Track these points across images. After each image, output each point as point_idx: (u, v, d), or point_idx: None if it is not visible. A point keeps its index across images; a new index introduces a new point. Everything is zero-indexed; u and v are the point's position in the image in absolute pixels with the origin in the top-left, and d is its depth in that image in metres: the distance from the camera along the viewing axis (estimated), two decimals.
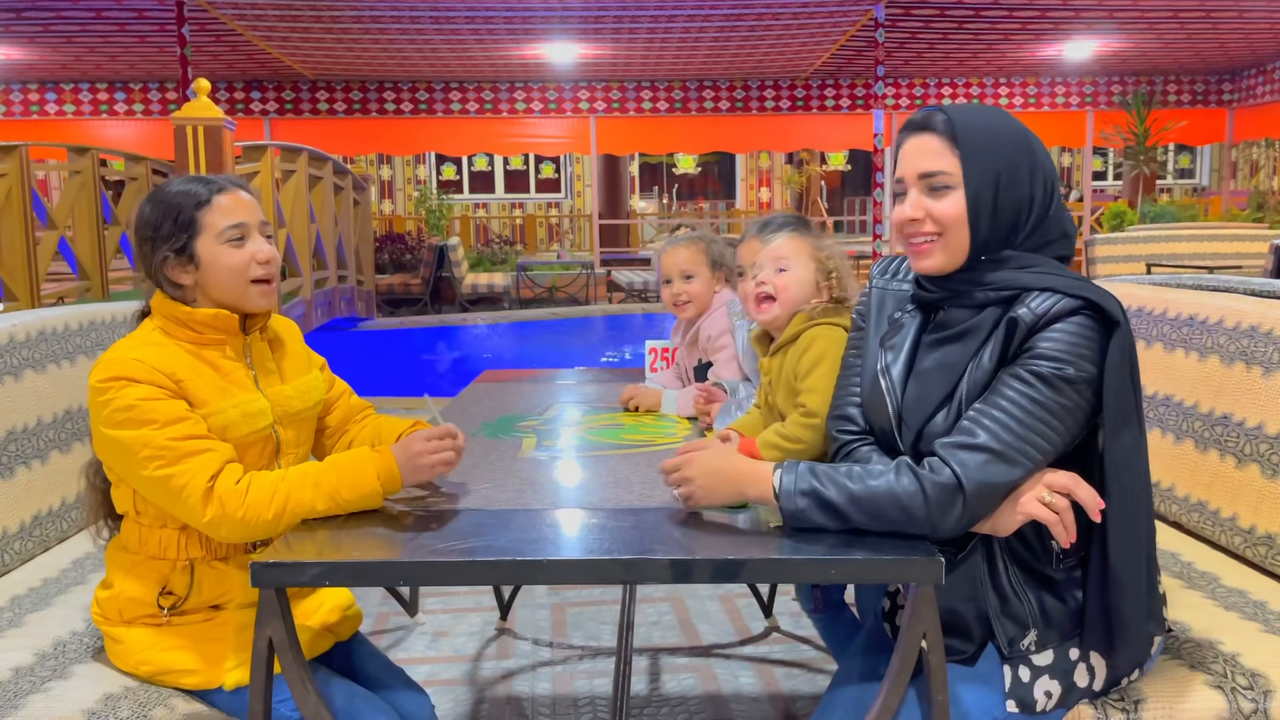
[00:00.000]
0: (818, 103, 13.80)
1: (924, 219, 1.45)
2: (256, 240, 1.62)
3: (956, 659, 1.41)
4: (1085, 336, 1.36)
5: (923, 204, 1.45)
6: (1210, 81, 14.12)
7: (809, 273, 1.79)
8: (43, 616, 1.79)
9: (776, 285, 1.78)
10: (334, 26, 9.99)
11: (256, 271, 1.61)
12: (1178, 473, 2.11)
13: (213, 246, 1.59)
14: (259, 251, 1.61)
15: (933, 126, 1.46)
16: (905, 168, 1.47)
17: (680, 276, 2.37)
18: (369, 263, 11.65)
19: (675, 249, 2.40)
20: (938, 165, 1.44)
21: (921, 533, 1.36)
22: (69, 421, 2.20)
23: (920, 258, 1.47)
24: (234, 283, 1.60)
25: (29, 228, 6.00)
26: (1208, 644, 1.59)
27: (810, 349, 1.72)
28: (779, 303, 1.79)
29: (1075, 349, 1.35)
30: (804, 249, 1.81)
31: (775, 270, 1.79)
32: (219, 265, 1.59)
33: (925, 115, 1.47)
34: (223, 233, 1.59)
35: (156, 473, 1.47)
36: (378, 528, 1.48)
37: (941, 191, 1.44)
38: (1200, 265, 8.07)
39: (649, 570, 1.35)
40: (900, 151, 1.50)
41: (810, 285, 1.79)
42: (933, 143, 1.45)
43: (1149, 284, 2.46)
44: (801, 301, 1.78)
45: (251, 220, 1.62)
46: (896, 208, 1.49)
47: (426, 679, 2.67)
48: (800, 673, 2.73)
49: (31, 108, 12.98)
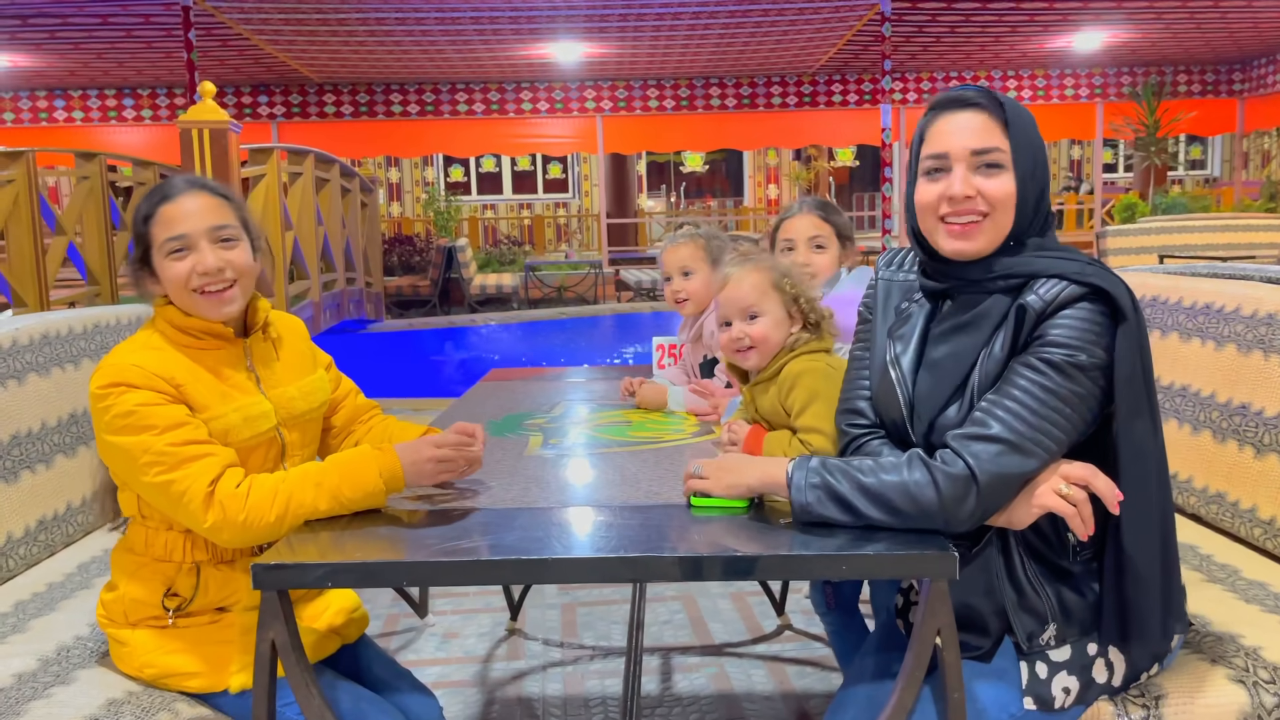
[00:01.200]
0: (825, 98, 13.75)
1: (975, 197, 1.39)
2: (201, 250, 1.56)
3: (972, 655, 1.38)
4: (1095, 322, 1.33)
5: (973, 182, 1.40)
6: (1220, 71, 14.01)
7: (779, 310, 1.71)
8: (47, 621, 1.78)
9: (753, 336, 1.70)
10: (339, 30, 10.00)
11: (196, 283, 1.56)
12: (1196, 464, 2.08)
13: (160, 259, 1.56)
14: (200, 262, 1.55)
15: (980, 104, 1.41)
16: (952, 143, 1.41)
17: (680, 273, 2.37)
18: (377, 265, 11.65)
19: (676, 246, 2.40)
20: (992, 142, 1.40)
21: (934, 526, 1.33)
22: (74, 425, 2.18)
23: (963, 239, 1.41)
24: (179, 294, 1.57)
25: (38, 234, 6.01)
26: (1229, 637, 1.56)
27: (797, 386, 1.65)
28: (758, 352, 1.71)
29: (1085, 335, 1.33)
30: (765, 285, 1.72)
31: (746, 319, 1.71)
32: (165, 278, 1.57)
33: (965, 93, 1.42)
34: (163, 245, 1.56)
35: (157, 478, 1.46)
36: (381, 528, 1.46)
37: (995, 170, 1.40)
38: (1213, 256, 8.00)
39: (657, 568, 1.33)
40: (937, 127, 1.43)
41: (784, 321, 1.72)
42: (983, 120, 1.41)
43: (1163, 273, 2.43)
44: (782, 341, 1.71)
45: (197, 229, 1.56)
46: (930, 185, 1.43)
47: (437, 680, 2.66)
48: (813, 671, 2.71)
49: (40, 115, 13.03)
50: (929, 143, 1.45)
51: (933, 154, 1.43)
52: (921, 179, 1.46)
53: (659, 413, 2.25)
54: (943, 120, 1.43)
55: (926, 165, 1.45)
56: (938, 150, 1.43)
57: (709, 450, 1.84)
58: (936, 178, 1.43)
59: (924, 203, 1.44)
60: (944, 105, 1.44)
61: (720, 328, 1.77)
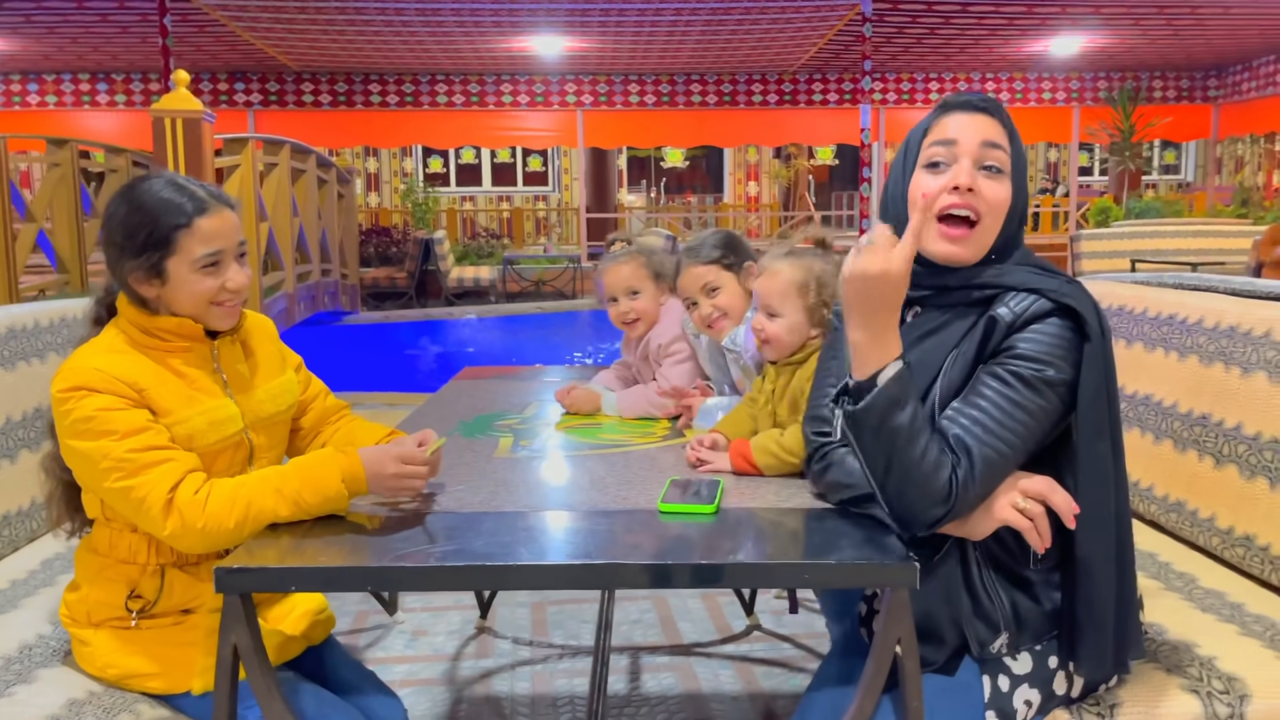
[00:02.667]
0: (805, 97, 13.78)
1: (976, 192, 1.39)
2: (230, 266, 1.57)
3: (931, 669, 1.39)
4: (1064, 338, 1.34)
5: (975, 178, 1.39)
6: (1196, 78, 14.17)
7: (799, 314, 1.78)
8: (9, 620, 1.76)
9: (768, 332, 1.79)
10: (318, 18, 9.91)
11: (223, 298, 1.57)
12: (1156, 472, 2.11)
13: (184, 270, 1.54)
14: (230, 279, 1.57)
15: (991, 110, 1.42)
16: (964, 134, 1.40)
17: (626, 294, 2.32)
18: (354, 256, 11.58)
19: (616, 266, 2.33)
20: (1002, 142, 1.41)
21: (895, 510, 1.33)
22: (39, 420, 2.16)
23: (955, 242, 1.40)
24: (197, 304, 1.56)
25: (7, 220, 5.94)
26: (1184, 646, 1.58)
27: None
28: (771, 347, 1.81)
29: (1054, 350, 1.34)
30: (790, 289, 1.77)
31: (765, 314, 1.80)
32: (186, 288, 1.55)
33: (978, 98, 1.43)
34: (198, 259, 1.54)
35: (117, 484, 1.44)
36: (346, 531, 1.46)
37: (996, 174, 1.40)
38: (1185, 261, 8.09)
39: (624, 575, 1.33)
40: (946, 123, 1.42)
41: (802, 325, 1.78)
42: (995, 125, 1.42)
43: (1130, 282, 2.46)
44: (796, 344, 1.79)
45: (229, 245, 1.57)
46: (931, 177, 1.41)
47: (405, 678, 2.66)
48: (781, 671, 2.72)
49: (13, 99, 12.85)
50: (936, 131, 1.43)
51: (941, 140, 1.42)
52: (921, 170, 1.44)
53: (629, 417, 2.23)
54: (954, 116, 1.43)
55: (931, 154, 1.43)
56: (947, 136, 1.42)
57: (680, 455, 1.84)
58: (939, 171, 1.42)
59: (925, 195, 1.39)
60: (957, 105, 1.44)
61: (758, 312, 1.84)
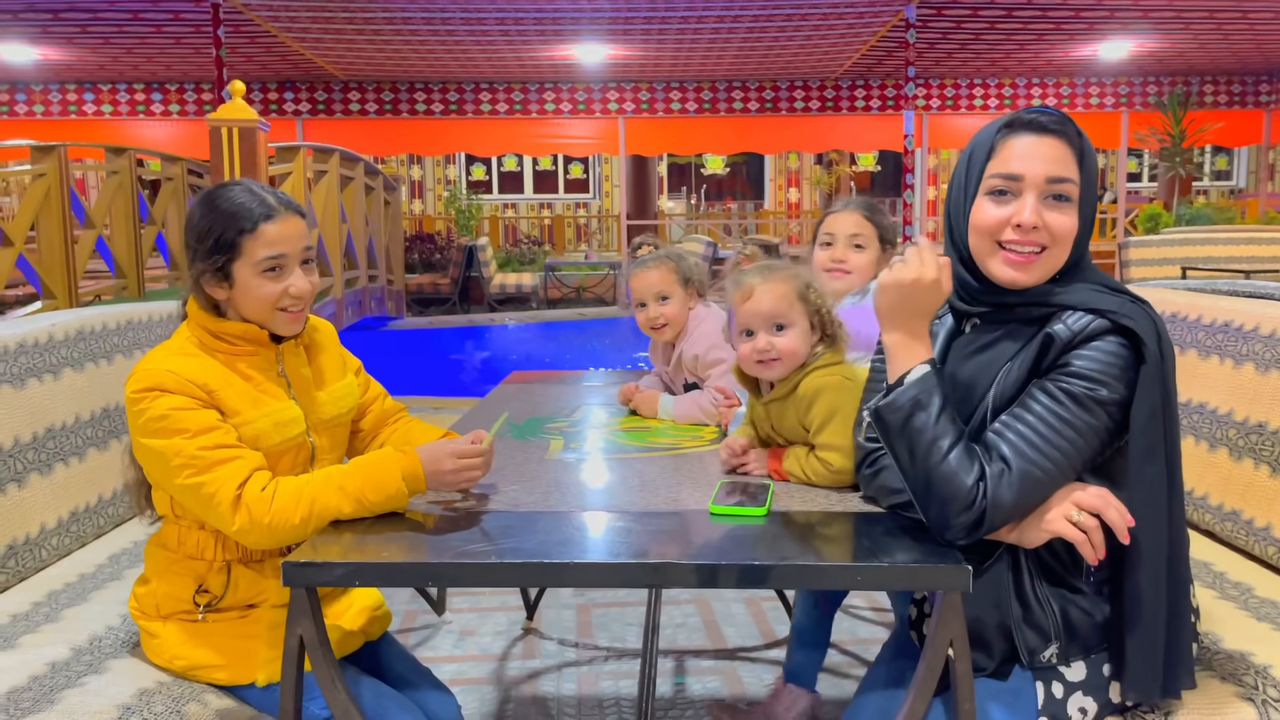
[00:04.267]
0: (848, 103, 13.73)
1: (1041, 228, 1.36)
2: (294, 272, 1.62)
3: (982, 672, 1.39)
4: (1120, 356, 1.33)
5: (1040, 211, 1.36)
6: (1247, 82, 13.90)
7: (805, 321, 1.71)
8: (79, 612, 1.82)
9: (780, 348, 1.69)
10: (365, 28, 10.08)
11: (286, 303, 1.61)
12: (1211, 481, 2.09)
13: (248, 274, 1.59)
14: (293, 285, 1.61)
15: (1060, 132, 1.37)
16: (1029, 167, 1.36)
17: (655, 299, 2.31)
18: (399, 262, 11.73)
19: (645, 271, 2.32)
20: (1068, 173, 1.37)
21: (935, 520, 1.34)
22: (106, 419, 2.24)
23: (1019, 269, 1.38)
24: (262, 309, 1.61)
25: (67, 227, 6.11)
26: (1239, 656, 1.57)
27: (816, 402, 1.66)
28: (784, 364, 1.70)
29: (1109, 369, 1.33)
30: (792, 296, 1.71)
31: (772, 329, 1.70)
32: (251, 293, 1.60)
33: (1048, 117, 1.38)
34: (260, 263, 1.59)
35: (188, 481, 1.50)
36: (405, 529, 1.50)
37: (1064, 204, 1.37)
38: (1237, 269, 7.94)
39: (675, 574, 1.35)
40: (1013, 146, 1.38)
41: (809, 333, 1.71)
42: (1063, 149, 1.38)
43: (1184, 289, 2.44)
44: (805, 353, 1.71)
45: (293, 250, 1.62)
46: (994, 207, 1.39)
47: (453, 678, 2.70)
48: (825, 676, 2.72)
49: (70, 108, 13.19)
50: (1000, 160, 1.39)
51: (1004, 173, 1.38)
52: (984, 198, 1.41)
53: (682, 423, 2.26)
54: (1020, 140, 1.39)
55: (993, 184, 1.39)
56: (1011, 170, 1.38)
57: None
58: (1003, 200, 1.39)
59: (985, 225, 1.39)
60: (1023, 125, 1.39)
61: (739, 337, 1.74)
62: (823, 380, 1.68)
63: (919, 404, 1.34)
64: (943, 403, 1.35)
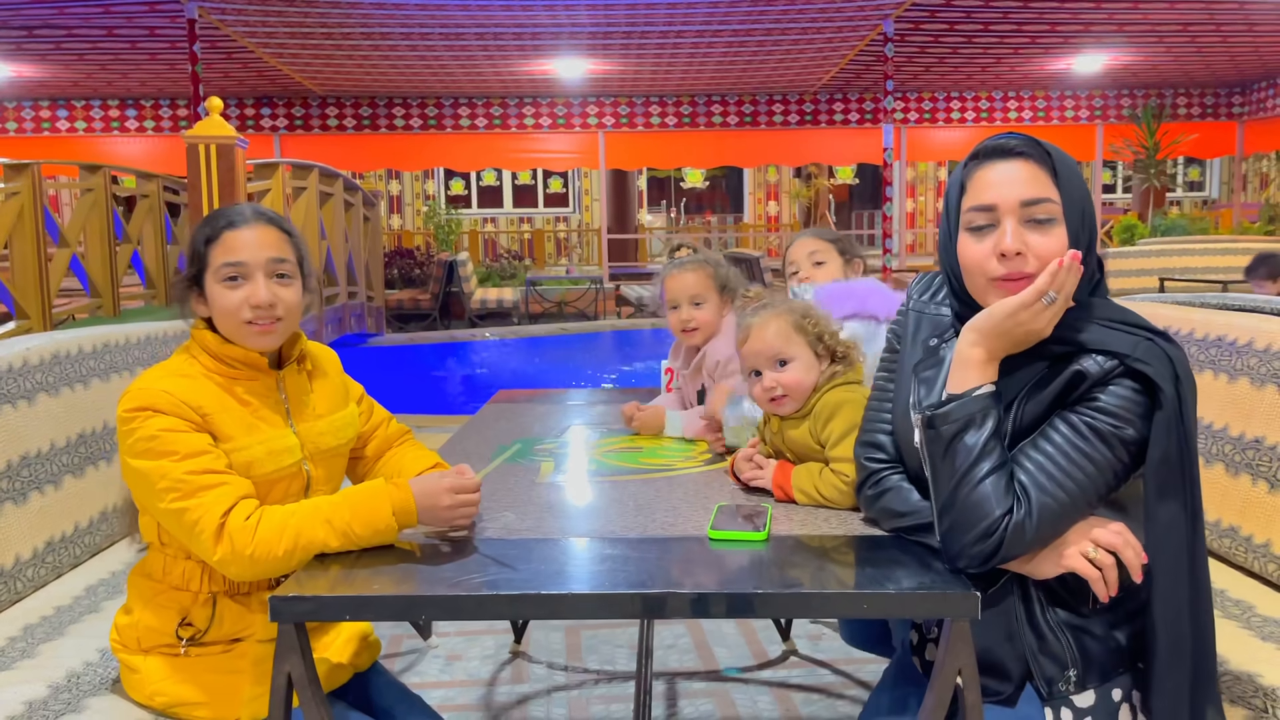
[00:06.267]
0: (826, 117, 13.81)
1: (1026, 255, 1.31)
2: (257, 282, 1.56)
3: (993, 700, 1.37)
4: (1139, 401, 1.31)
5: (1022, 236, 1.32)
6: (1220, 94, 14.10)
7: (807, 352, 1.71)
8: (55, 646, 1.76)
9: (785, 384, 1.69)
10: (343, 43, 10.03)
11: (247, 314, 1.56)
12: (1208, 497, 2.05)
13: (213, 284, 1.57)
14: (254, 295, 1.56)
15: (1025, 153, 1.33)
16: (1001, 194, 1.32)
17: (689, 302, 2.29)
18: (379, 278, 11.65)
19: (682, 273, 2.31)
20: (1043, 192, 1.32)
21: (947, 544, 1.32)
22: (82, 445, 2.17)
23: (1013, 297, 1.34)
24: (228, 322, 1.57)
25: (41, 245, 6.01)
26: (1247, 677, 1.55)
27: (835, 417, 1.64)
28: (792, 399, 1.70)
29: (1135, 409, 1.30)
30: (788, 330, 1.70)
31: (776, 367, 1.70)
32: (216, 303, 1.57)
33: (1009, 141, 1.34)
34: (219, 270, 1.56)
35: (172, 505, 1.45)
36: (395, 560, 1.45)
37: (1046, 225, 1.32)
38: (1213, 279, 8.02)
39: (674, 605, 1.31)
40: (981, 177, 1.35)
41: (814, 362, 1.71)
42: (1031, 169, 1.33)
43: (1173, 303, 2.43)
44: (813, 382, 1.70)
45: (255, 259, 1.57)
46: (976, 243, 1.34)
47: (440, 704, 2.64)
48: (819, 698, 2.69)
49: (43, 124, 13.06)
50: (972, 193, 1.36)
51: (978, 206, 1.34)
52: (965, 235, 1.36)
53: (668, 439, 2.23)
54: (986, 170, 1.35)
55: (970, 219, 1.35)
56: (983, 202, 1.34)
57: (724, 480, 1.83)
58: (983, 234, 1.34)
59: (971, 262, 1.35)
60: (986, 154, 1.36)
61: (748, 378, 1.75)
62: (842, 395, 1.67)
63: (974, 421, 1.31)
64: (996, 427, 1.32)
